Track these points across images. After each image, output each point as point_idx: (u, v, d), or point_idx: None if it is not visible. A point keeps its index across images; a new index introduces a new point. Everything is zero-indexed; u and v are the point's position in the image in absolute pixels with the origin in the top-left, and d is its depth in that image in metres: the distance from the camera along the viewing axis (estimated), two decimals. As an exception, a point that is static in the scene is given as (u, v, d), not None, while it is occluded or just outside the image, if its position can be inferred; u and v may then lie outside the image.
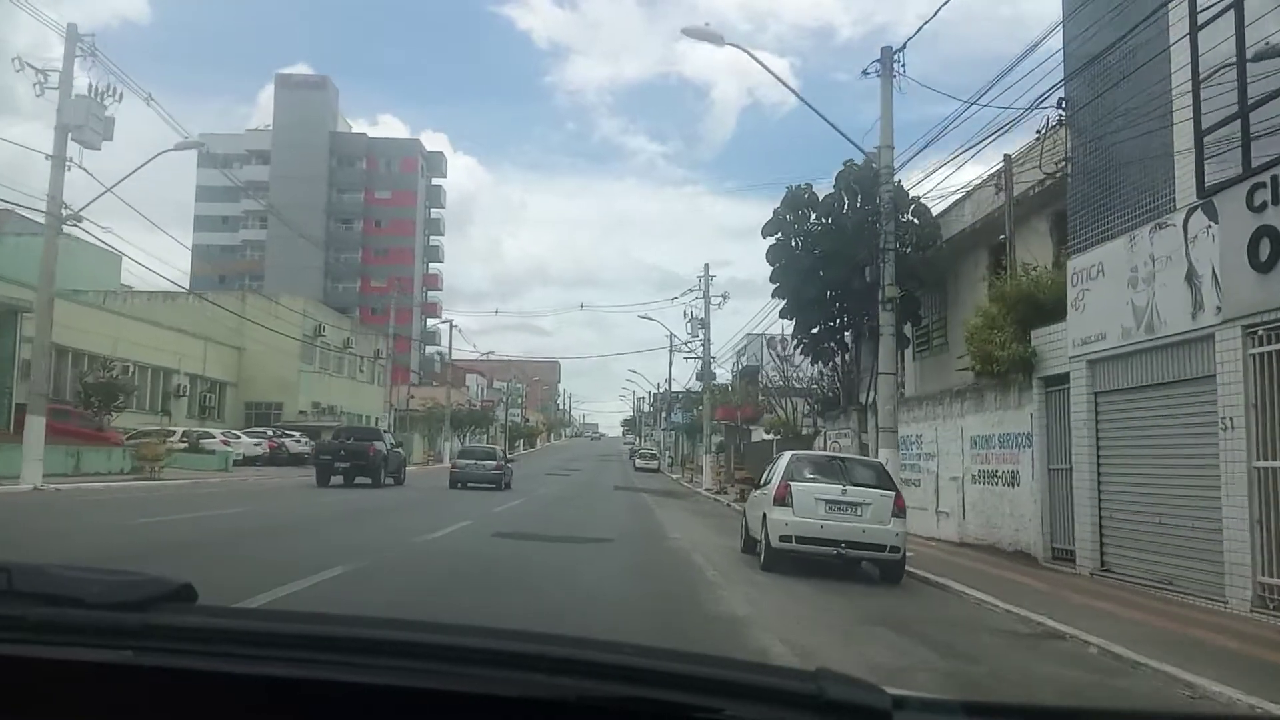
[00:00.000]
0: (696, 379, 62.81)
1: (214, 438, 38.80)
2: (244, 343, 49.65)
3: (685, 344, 43.72)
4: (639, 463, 67.50)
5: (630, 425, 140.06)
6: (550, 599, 9.42)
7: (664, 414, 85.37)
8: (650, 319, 47.51)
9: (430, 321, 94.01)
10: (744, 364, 48.40)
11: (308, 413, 51.83)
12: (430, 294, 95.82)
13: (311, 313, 52.93)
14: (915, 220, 22.64)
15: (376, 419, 61.71)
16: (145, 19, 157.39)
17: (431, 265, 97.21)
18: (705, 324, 41.86)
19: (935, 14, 20.83)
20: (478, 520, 18.80)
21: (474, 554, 12.86)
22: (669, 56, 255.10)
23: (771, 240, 24.33)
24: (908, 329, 23.93)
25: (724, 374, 49.23)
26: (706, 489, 39.86)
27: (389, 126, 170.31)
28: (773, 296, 25.14)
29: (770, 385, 41.62)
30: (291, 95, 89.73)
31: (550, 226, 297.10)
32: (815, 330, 24.23)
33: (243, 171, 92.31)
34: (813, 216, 23.84)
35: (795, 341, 25.16)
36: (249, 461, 40.91)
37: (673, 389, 75.63)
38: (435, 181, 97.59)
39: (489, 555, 12.89)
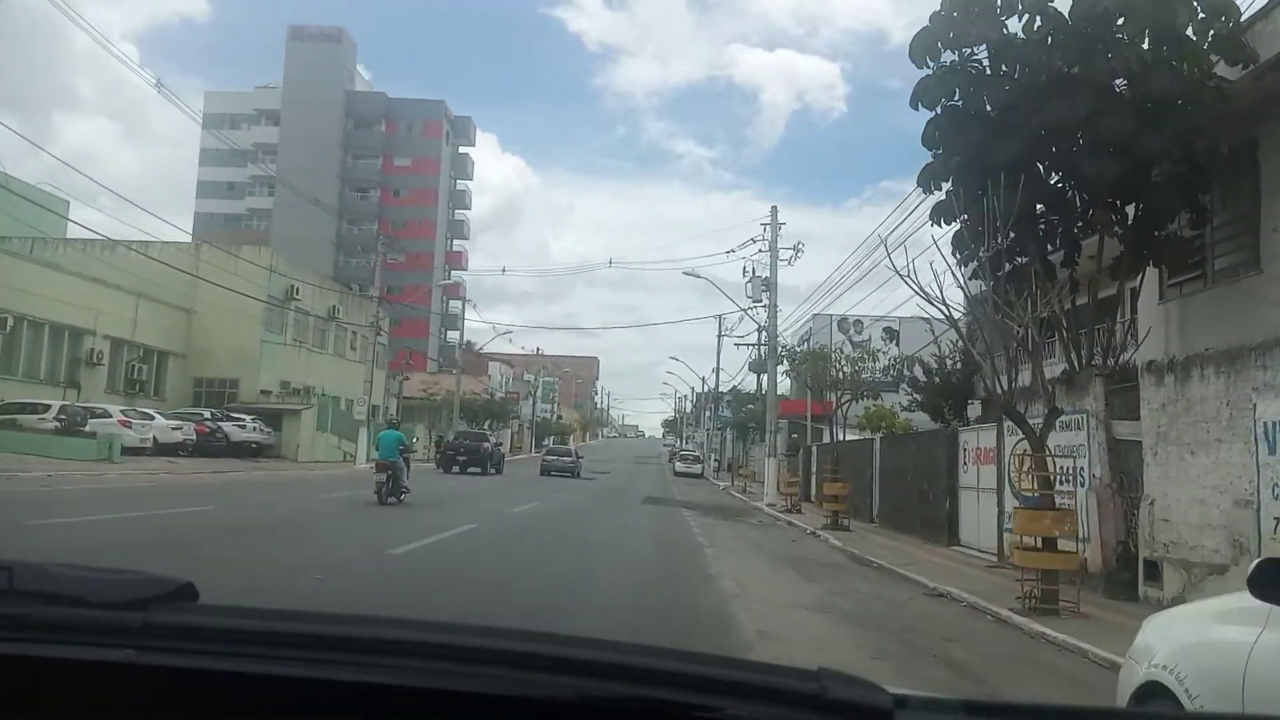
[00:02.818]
0: (750, 368, 52.32)
1: (110, 417, 29.06)
2: (195, 304, 40.10)
3: (745, 311, 33.19)
4: (679, 466, 57.16)
5: (670, 426, 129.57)
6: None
7: (709, 410, 74.75)
8: (696, 275, 34.74)
9: (452, 303, 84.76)
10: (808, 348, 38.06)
11: (273, 393, 42.08)
12: (454, 273, 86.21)
13: (283, 270, 43.14)
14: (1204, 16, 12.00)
15: (378, 407, 52.00)
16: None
17: (456, 242, 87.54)
18: (772, 282, 31.26)
19: None
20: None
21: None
22: (718, 60, 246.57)
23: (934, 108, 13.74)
24: (1172, 233, 13.31)
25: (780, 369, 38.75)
26: (768, 504, 29.38)
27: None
28: (925, 190, 14.62)
29: (844, 374, 31.07)
30: (304, 49, 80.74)
31: (596, 230, 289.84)
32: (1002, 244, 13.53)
33: (250, 133, 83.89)
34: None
35: (962, 261, 14.29)
36: (168, 450, 31.23)
37: (719, 384, 65.16)
38: (462, 150, 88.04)
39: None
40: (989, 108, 12.84)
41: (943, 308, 10.72)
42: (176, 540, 10.76)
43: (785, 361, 27.07)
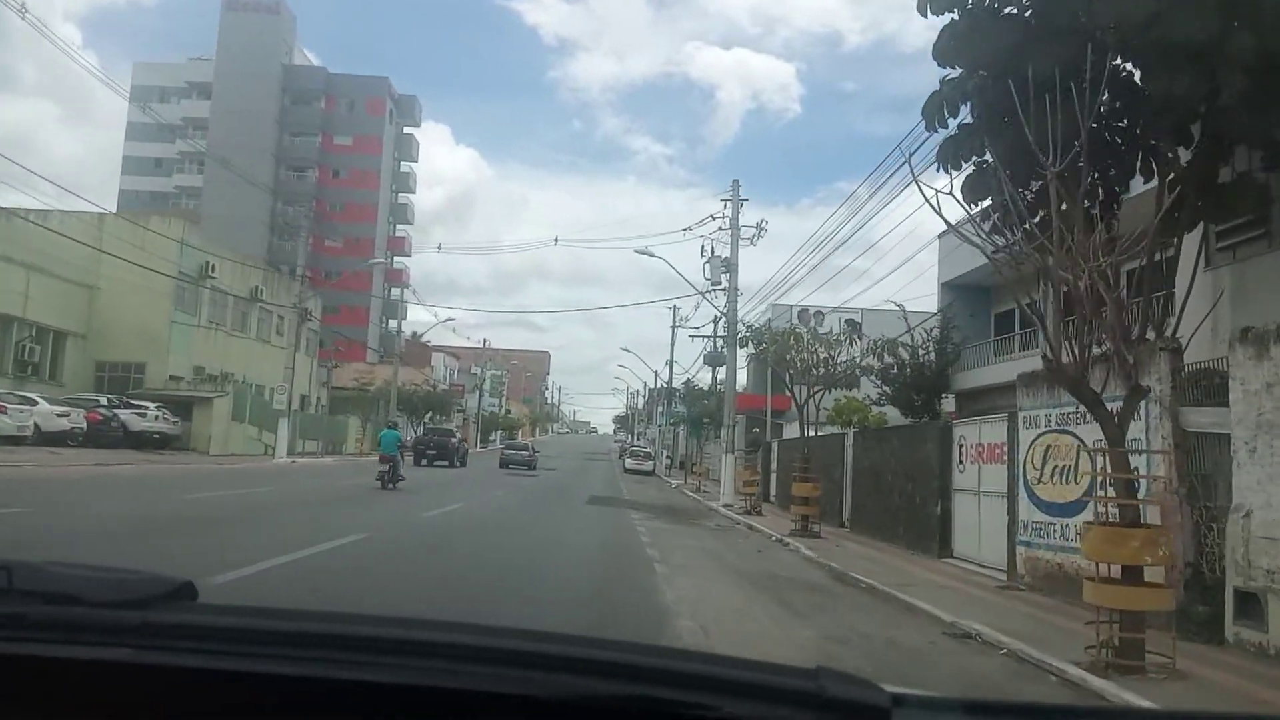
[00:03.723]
0: (705, 361, 49.64)
1: (-24, 401, 25.46)
2: (100, 280, 36.32)
3: (703, 295, 30.29)
4: (629, 463, 54.27)
5: (622, 422, 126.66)
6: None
7: (662, 406, 71.96)
8: (650, 254, 31.73)
9: (396, 291, 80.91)
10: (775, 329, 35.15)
11: (184, 379, 38.40)
12: (397, 259, 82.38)
13: (196, 244, 39.40)
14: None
15: (307, 398, 48.41)
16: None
17: (399, 227, 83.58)
18: (733, 263, 28.47)
19: None
20: None
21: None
22: (675, 57, 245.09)
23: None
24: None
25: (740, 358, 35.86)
26: (725, 505, 26.60)
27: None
28: (930, 125, 11.91)
29: (817, 357, 28.33)
30: (239, 19, 76.35)
31: (551, 225, 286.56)
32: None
33: (180, 107, 79.37)
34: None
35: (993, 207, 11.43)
36: (53, 440, 27.68)
37: (673, 378, 62.36)
38: (407, 130, 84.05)
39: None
40: (1025, 2, 10.09)
41: (985, 244, 7.93)
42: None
43: (750, 344, 24.34)
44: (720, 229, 29.49)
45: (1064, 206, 8.78)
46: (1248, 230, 11.98)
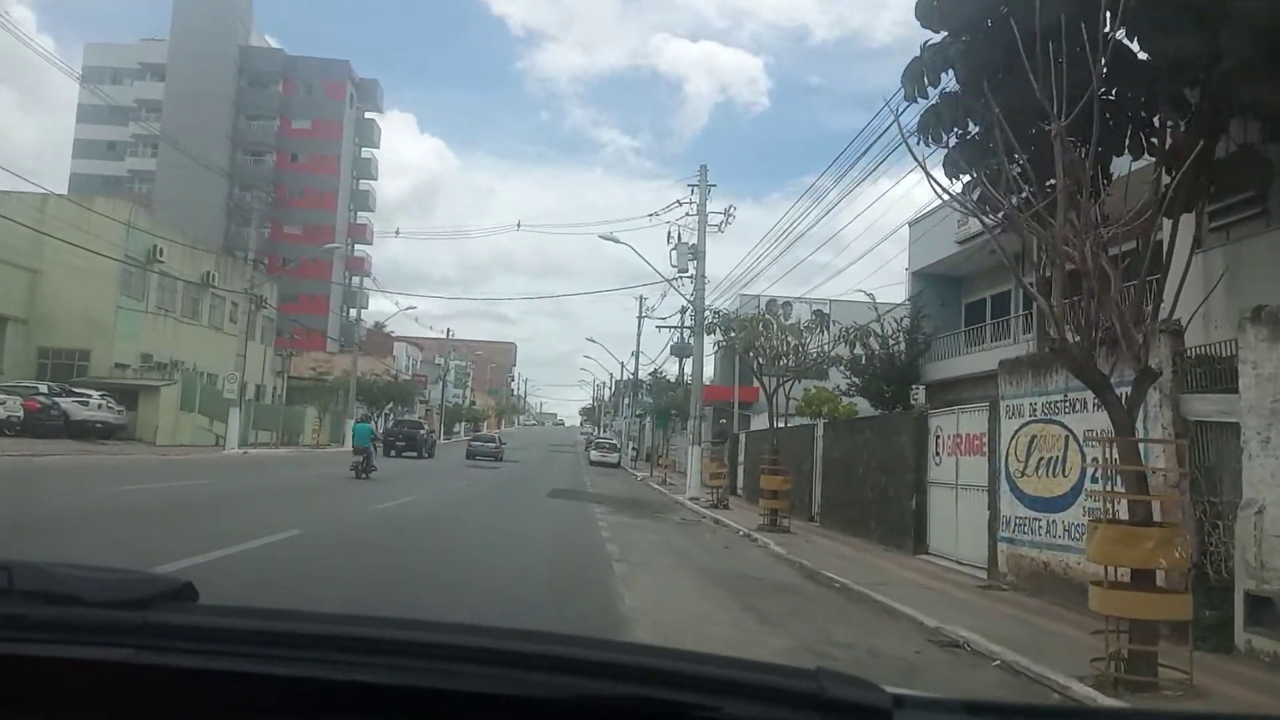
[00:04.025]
0: (672, 352, 48.86)
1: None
2: (44, 264, 34.75)
3: (669, 282, 29.39)
4: (594, 455, 53.32)
5: (589, 414, 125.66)
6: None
7: (628, 398, 71.09)
8: (614, 239, 30.64)
9: (359, 280, 79.25)
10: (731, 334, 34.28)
11: (132, 367, 36.95)
12: (358, 247, 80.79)
13: (144, 227, 37.89)
14: None
15: (262, 387, 47.04)
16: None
17: (361, 214, 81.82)
18: (700, 249, 27.62)
19: None
20: None
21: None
22: (643, 49, 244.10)
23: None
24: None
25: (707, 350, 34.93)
26: (691, 498, 25.81)
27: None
28: (910, 95, 11.16)
29: (788, 344, 27.60)
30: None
31: (517, 216, 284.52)
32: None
33: (133, 89, 77.18)
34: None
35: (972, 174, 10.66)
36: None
37: (639, 369, 61.51)
38: (368, 115, 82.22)
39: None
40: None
41: (981, 213, 7.15)
42: None
43: (717, 330, 23.56)
44: (688, 215, 28.68)
45: (1028, 192, 8.02)
46: (1243, 209, 11.33)
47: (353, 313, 78.05)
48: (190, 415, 37.32)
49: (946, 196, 9.16)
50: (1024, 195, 8.10)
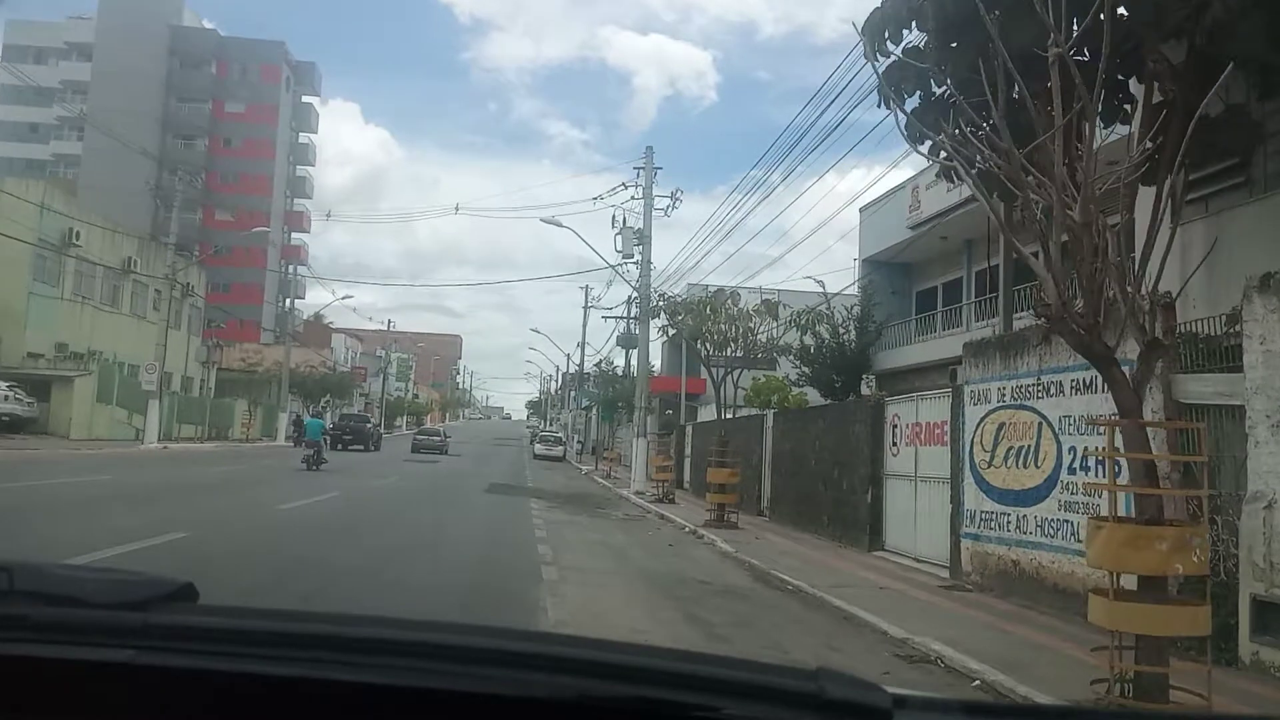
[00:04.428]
0: (619, 343, 47.82)
1: None
2: (-54, 248, 32.51)
3: (614, 269, 28.14)
4: (539, 449, 51.91)
5: (536, 407, 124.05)
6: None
7: (574, 391, 69.82)
8: (559, 224, 29.27)
9: (297, 271, 76.82)
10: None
11: (45, 356, 34.84)
12: (294, 235, 78.37)
13: (60, 209, 35.74)
14: None
15: (193, 380, 45.00)
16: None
17: (298, 201, 79.32)
18: (646, 234, 26.50)
19: None
20: None
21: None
22: (591, 41, 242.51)
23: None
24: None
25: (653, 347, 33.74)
26: (636, 492, 24.73)
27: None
28: (870, 53, 10.15)
29: (737, 329, 26.66)
30: (123, -25, 71.04)
31: (465, 207, 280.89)
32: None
33: (58, 69, 73.90)
34: None
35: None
36: None
37: (584, 361, 60.33)
38: (305, 99, 79.69)
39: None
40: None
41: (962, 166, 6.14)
42: None
43: (662, 314, 22.52)
44: (633, 198, 27.52)
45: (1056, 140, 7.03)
46: (1224, 178, 10.52)
47: (288, 303, 75.66)
48: (108, 408, 35.34)
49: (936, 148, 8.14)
50: (995, 162, 7.13)
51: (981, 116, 7.69)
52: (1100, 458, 7.52)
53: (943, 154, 9.94)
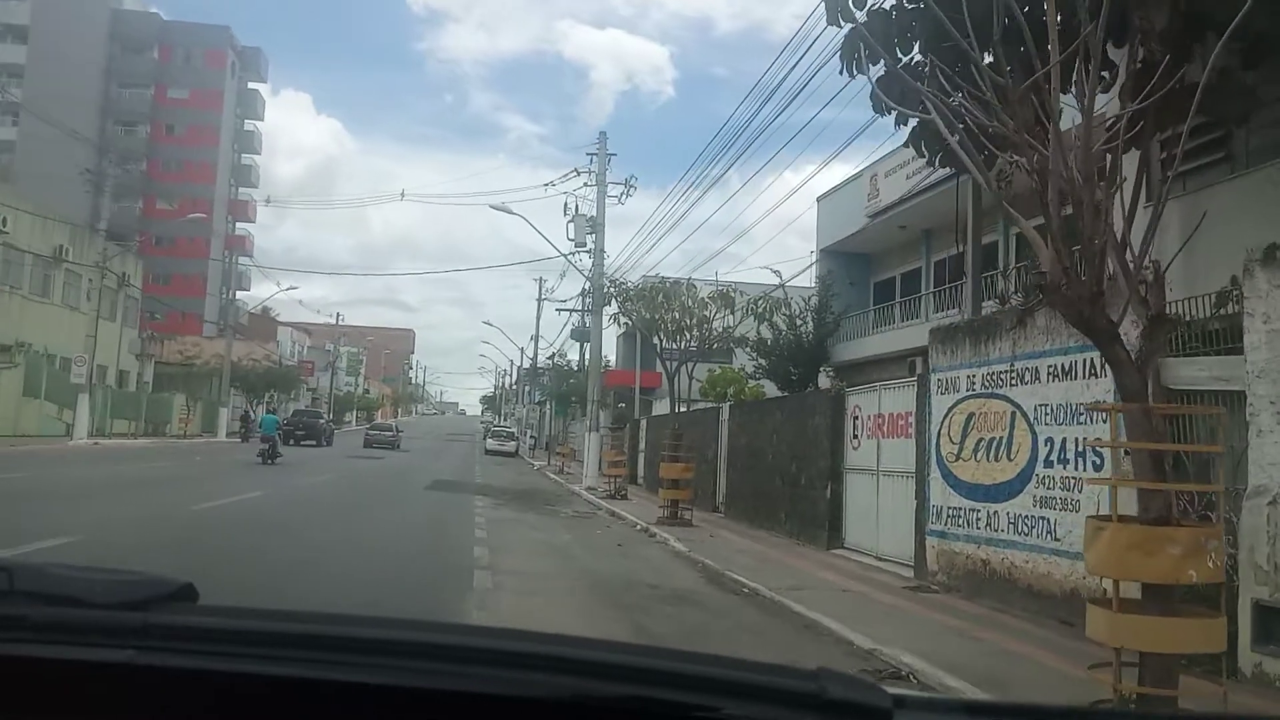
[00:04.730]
0: (573, 336, 46.94)
1: None
2: None
3: (566, 257, 27.18)
4: (491, 444, 50.82)
5: (490, 402, 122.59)
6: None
7: (528, 386, 68.74)
8: (509, 210, 28.20)
9: (238, 261, 74.69)
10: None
11: (-33, 349, 33.13)
12: (239, 225, 76.25)
13: (-19, 195, 33.99)
14: None
15: (128, 373, 43.34)
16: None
17: (242, 190, 77.20)
18: (599, 221, 25.64)
19: None
20: None
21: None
22: (548, 34, 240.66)
23: None
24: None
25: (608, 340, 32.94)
26: (588, 488, 23.91)
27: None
28: (833, 17, 9.42)
29: (692, 318, 25.92)
30: (61, -45, 68.49)
31: (419, 200, 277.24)
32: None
33: (-10, 51, 71.12)
34: None
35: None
36: None
37: (538, 354, 59.34)
38: (251, 85, 77.57)
39: None
40: None
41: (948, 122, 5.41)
42: None
43: (614, 301, 21.69)
44: (586, 185, 26.62)
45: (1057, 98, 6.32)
46: (1203, 154, 9.95)
47: (231, 294, 73.59)
48: (36, 402, 33.72)
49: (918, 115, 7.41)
50: (978, 119, 6.41)
51: (956, 72, 7.00)
52: (1095, 447, 6.85)
53: (912, 122, 9.28)
